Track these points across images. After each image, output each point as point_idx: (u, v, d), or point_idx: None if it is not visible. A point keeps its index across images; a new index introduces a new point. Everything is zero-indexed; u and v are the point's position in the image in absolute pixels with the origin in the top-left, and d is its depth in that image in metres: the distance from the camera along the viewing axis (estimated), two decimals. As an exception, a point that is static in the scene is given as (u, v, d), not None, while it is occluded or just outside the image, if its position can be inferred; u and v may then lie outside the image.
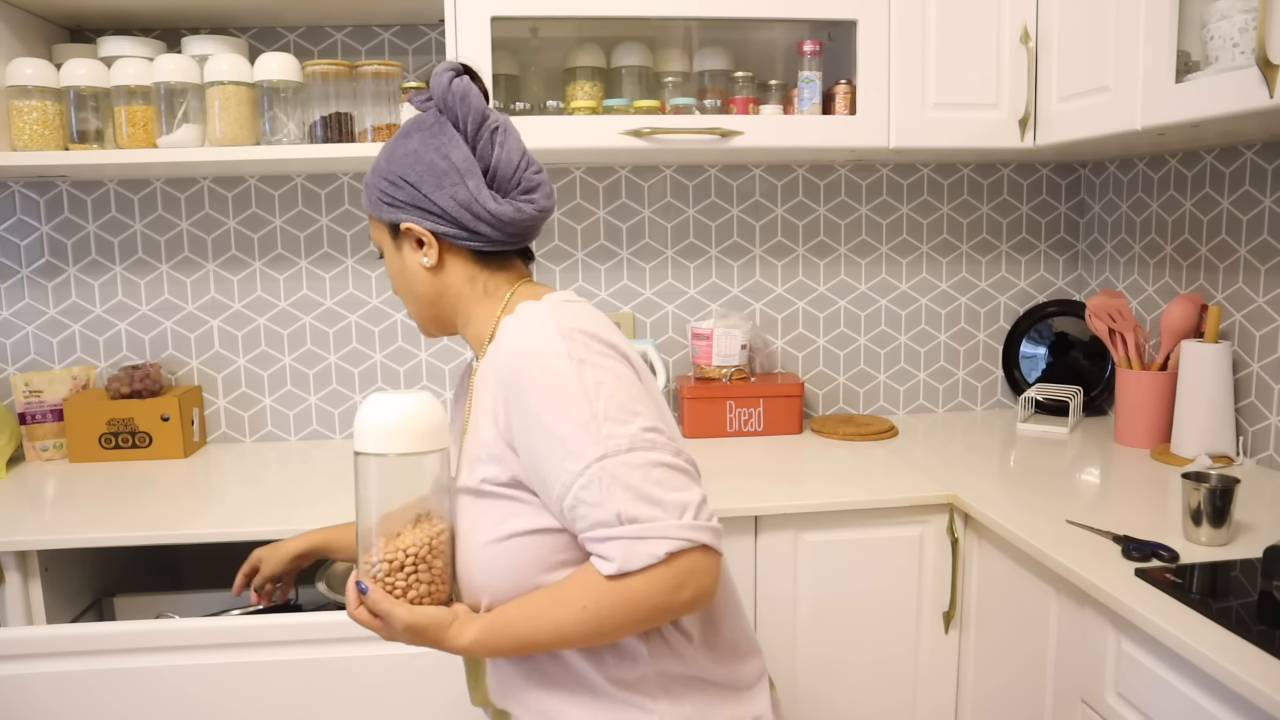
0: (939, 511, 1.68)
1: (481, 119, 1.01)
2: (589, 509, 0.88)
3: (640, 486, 0.88)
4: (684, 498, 0.89)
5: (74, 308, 2.12)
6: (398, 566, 0.94)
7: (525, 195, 1.02)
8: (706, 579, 0.89)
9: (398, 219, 1.02)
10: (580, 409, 0.89)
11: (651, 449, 0.89)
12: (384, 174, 1.03)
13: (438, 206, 1.00)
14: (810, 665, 1.69)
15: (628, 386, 0.92)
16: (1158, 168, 2.07)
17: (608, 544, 0.88)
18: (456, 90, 1.00)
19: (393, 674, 1.41)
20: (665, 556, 0.86)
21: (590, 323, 0.95)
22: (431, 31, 2.10)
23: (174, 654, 1.36)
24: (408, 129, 1.04)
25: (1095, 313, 1.99)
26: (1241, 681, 0.99)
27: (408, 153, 1.01)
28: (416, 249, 1.03)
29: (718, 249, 2.24)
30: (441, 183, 0.99)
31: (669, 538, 0.87)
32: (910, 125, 1.84)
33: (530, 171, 1.03)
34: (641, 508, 0.87)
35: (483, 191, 0.99)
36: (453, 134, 1.01)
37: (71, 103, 1.77)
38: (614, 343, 0.95)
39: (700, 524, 0.88)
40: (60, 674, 1.36)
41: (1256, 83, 1.27)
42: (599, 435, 0.88)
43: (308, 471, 1.91)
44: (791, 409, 2.10)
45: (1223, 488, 1.34)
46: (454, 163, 0.99)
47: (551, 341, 0.92)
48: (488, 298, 1.04)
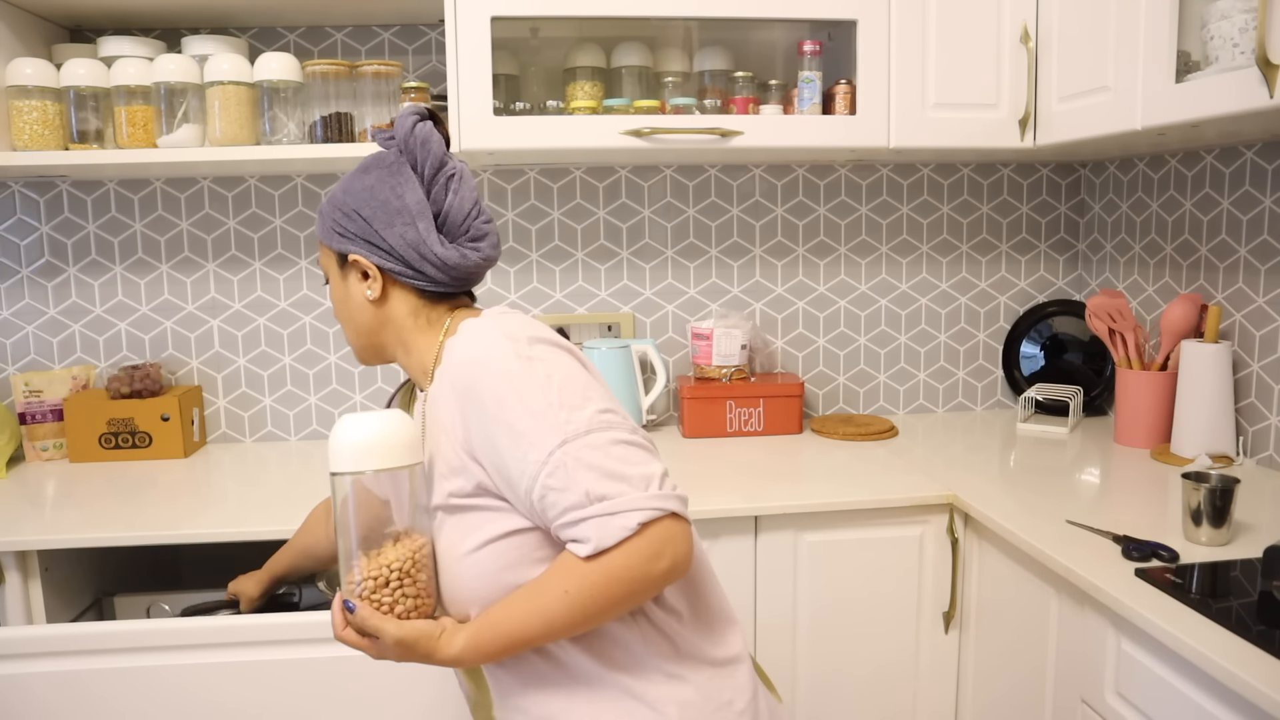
0: (939, 511, 1.68)
1: (439, 165, 1.04)
2: (558, 495, 0.90)
3: (604, 464, 0.90)
4: (647, 470, 0.92)
5: (74, 308, 2.12)
6: (383, 583, 0.95)
7: (472, 243, 1.06)
8: (681, 546, 0.92)
9: (346, 249, 1.06)
10: (536, 401, 0.92)
11: (609, 429, 0.92)
12: (339, 204, 1.06)
13: (386, 243, 1.03)
14: (810, 665, 1.69)
15: (577, 375, 0.96)
16: (1158, 168, 2.07)
17: (580, 525, 0.89)
18: (419, 134, 1.04)
19: (391, 673, 1.41)
20: (638, 528, 0.88)
21: (531, 327, 0.99)
22: (431, 31, 2.10)
23: (173, 653, 1.36)
24: (367, 165, 1.07)
25: (1095, 313, 1.99)
26: (1241, 681, 0.99)
27: (365, 187, 1.05)
28: (361, 280, 1.06)
29: (718, 249, 2.24)
30: (393, 221, 1.03)
31: (639, 509, 0.89)
32: (910, 125, 1.84)
33: (480, 221, 1.07)
34: (608, 485, 0.89)
35: (431, 235, 1.03)
36: (409, 175, 1.04)
37: (71, 103, 1.77)
38: (556, 341, 0.99)
39: (666, 493, 0.91)
40: (60, 673, 1.36)
41: (1256, 83, 1.27)
42: (557, 422, 0.91)
43: (308, 471, 1.91)
44: (791, 409, 2.10)
45: (1223, 488, 1.34)
46: (407, 203, 1.03)
47: (499, 345, 0.95)
48: (430, 327, 1.07)
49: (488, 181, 2.16)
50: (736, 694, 1.03)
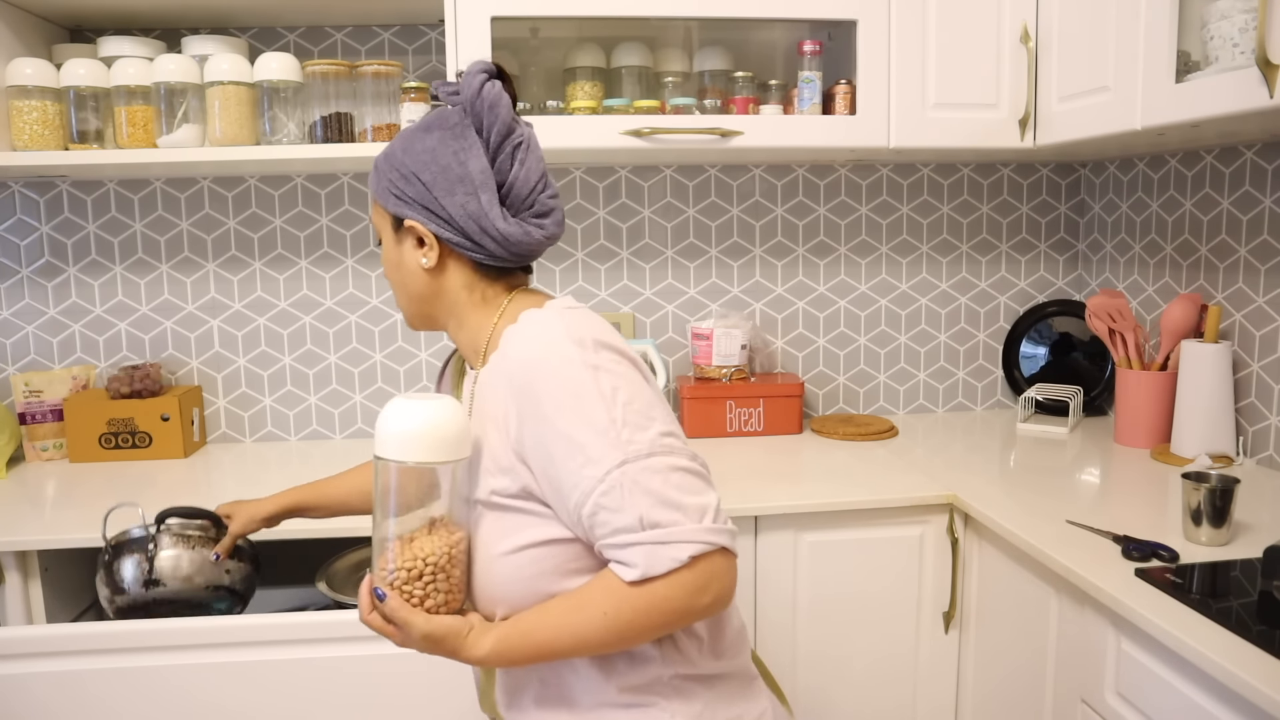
0: (939, 511, 1.68)
1: (507, 132, 0.98)
2: (610, 515, 0.87)
3: (661, 491, 0.87)
4: (703, 501, 0.89)
5: (74, 308, 2.12)
6: (415, 575, 0.93)
7: (536, 219, 1.00)
8: (727, 581, 0.89)
9: (403, 213, 1.00)
10: (599, 415, 0.88)
11: (670, 454, 0.89)
12: (397, 165, 1.00)
13: (446, 212, 0.98)
14: (810, 665, 1.69)
15: (642, 392, 0.92)
16: (1158, 168, 2.07)
17: (630, 549, 0.87)
18: (487, 96, 0.97)
19: (394, 672, 1.41)
20: (688, 560, 0.86)
21: (598, 329, 0.94)
22: (431, 31, 2.10)
23: (174, 653, 1.36)
24: (429, 123, 1.01)
25: (1095, 313, 1.99)
26: (1241, 681, 0.99)
27: (425, 149, 0.99)
28: (417, 247, 1.01)
29: (718, 249, 2.24)
30: (454, 189, 0.97)
31: (692, 541, 0.86)
32: (910, 125, 1.84)
33: (546, 195, 1.01)
34: (663, 512, 0.87)
35: (494, 208, 0.97)
36: (474, 140, 0.98)
37: (71, 103, 1.77)
38: (623, 349, 0.95)
39: (719, 527, 0.88)
40: (59, 673, 1.36)
41: (1256, 83, 1.27)
42: (619, 441, 0.87)
43: (308, 471, 1.91)
44: (791, 409, 2.10)
45: (1223, 488, 1.34)
46: (470, 171, 0.97)
47: (564, 348, 0.91)
48: (485, 305, 1.03)
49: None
50: (746, 710, 1.01)
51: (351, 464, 1.96)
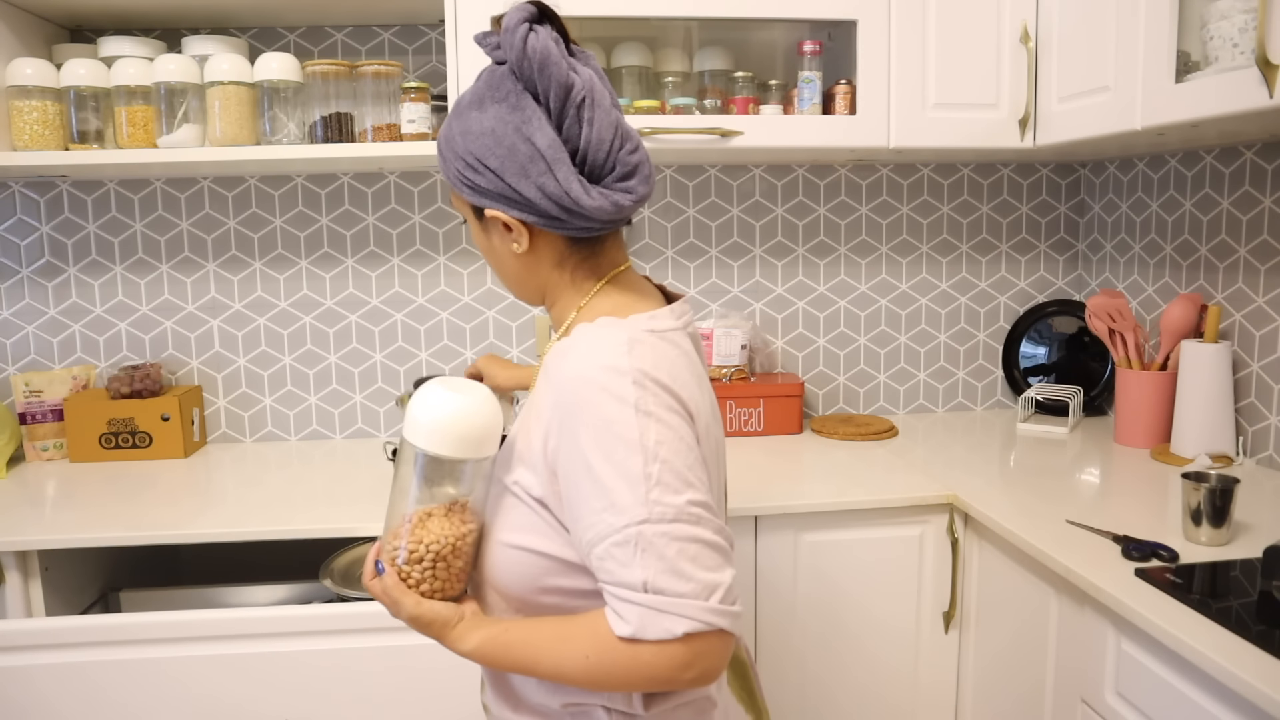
0: (939, 511, 1.68)
1: (565, 91, 0.89)
2: (617, 566, 0.84)
3: (674, 560, 0.83)
4: (715, 578, 0.84)
5: (74, 308, 2.12)
6: (416, 559, 0.93)
7: (621, 182, 0.93)
8: (715, 661, 0.86)
9: (482, 204, 0.94)
10: (635, 465, 0.84)
11: (696, 524, 0.85)
12: (461, 152, 0.93)
13: (524, 197, 0.91)
14: (810, 665, 1.69)
15: (687, 452, 0.87)
16: (1158, 168, 2.07)
17: (627, 606, 0.84)
18: (534, 54, 0.88)
19: (399, 665, 1.41)
20: (682, 635, 0.83)
21: (667, 369, 0.88)
22: (431, 31, 2.10)
23: (179, 645, 1.37)
24: (481, 95, 0.93)
25: (1095, 313, 1.99)
26: (1241, 681, 0.99)
27: (484, 131, 0.91)
28: (505, 233, 0.96)
29: (718, 249, 2.24)
30: (527, 171, 0.90)
31: (690, 618, 0.83)
32: (910, 125, 1.84)
33: (625, 151, 0.93)
34: (670, 581, 0.83)
35: (573, 182, 0.90)
36: (533, 109, 0.90)
37: (72, 103, 1.77)
38: (684, 398, 0.89)
39: (723, 608, 0.84)
40: (61, 665, 1.37)
41: (1256, 83, 1.27)
42: (646, 499, 0.83)
43: (308, 471, 1.91)
44: (791, 409, 2.10)
45: (1223, 488, 1.34)
46: (538, 148, 0.89)
47: (621, 385, 0.86)
48: (572, 287, 0.98)
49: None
50: None
51: (351, 463, 1.96)
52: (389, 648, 1.40)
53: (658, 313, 0.95)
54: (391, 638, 1.40)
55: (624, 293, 0.98)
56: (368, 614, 1.39)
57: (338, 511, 1.62)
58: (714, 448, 0.96)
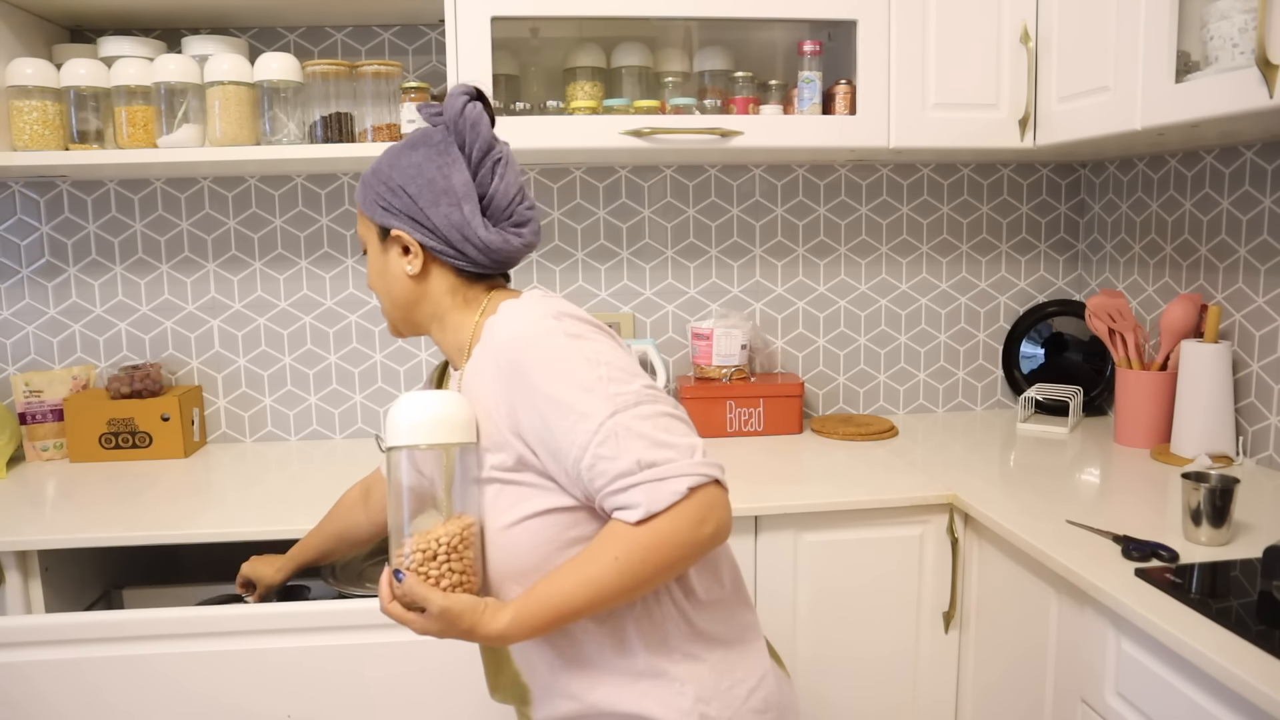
0: (939, 511, 1.68)
1: (487, 148, 1.05)
2: (608, 463, 0.93)
3: (653, 434, 0.93)
4: (691, 441, 0.96)
5: (74, 308, 2.12)
6: (430, 555, 0.97)
7: (515, 228, 1.08)
8: (724, 512, 0.95)
9: (390, 224, 1.07)
10: (586, 375, 0.95)
11: (655, 402, 0.96)
12: (384, 179, 1.07)
13: (431, 222, 1.04)
14: (810, 665, 1.69)
15: (620, 354, 0.99)
16: (1158, 168, 2.07)
17: (630, 492, 0.92)
18: (469, 116, 1.04)
19: (397, 661, 1.41)
20: (687, 492, 0.92)
21: (573, 308, 1.01)
22: (431, 31, 2.10)
23: (178, 641, 1.37)
24: (414, 141, 1.08)
25: (1095, 313, 1.99)
26: (1241, 681, 0.99)
27: (411, 164, 1.05)
28: (402, 255, 1.08)
29: (718, 249, 2.24)
30: (439, 201, 1.04)
31: (688, 474, 0.92)
32: (910, 125, 1.84)
33: (523, 206, 1.08)
34: (658, 452, 0.93)
35: (476, 218, 1.04)
36: (457, 156, 1.05)
37: (72, 103, 1.77)
38: (596, 323, 1.02)
39: (710, 461, 0.95)
40: (59, 661, 1.37)
41: (1256, 83, 1.27)
42: (607, 394, 0.94)
43: (308, 471, 1.91)
44: (791, 409, 2.10)
45: (1223, 488, 1.34)
46: (454, 184, 1.04)
47: (544, 323, 0.98)
48: (467, 306, 1.09)
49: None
50: (749, 671, 1.06)
51: (351, 463, 1.96)
52: (389, 644, 1.41)
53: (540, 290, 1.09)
54: (391, 634, 1.40)
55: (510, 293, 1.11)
56: (368, 611, 1.40)
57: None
58: None
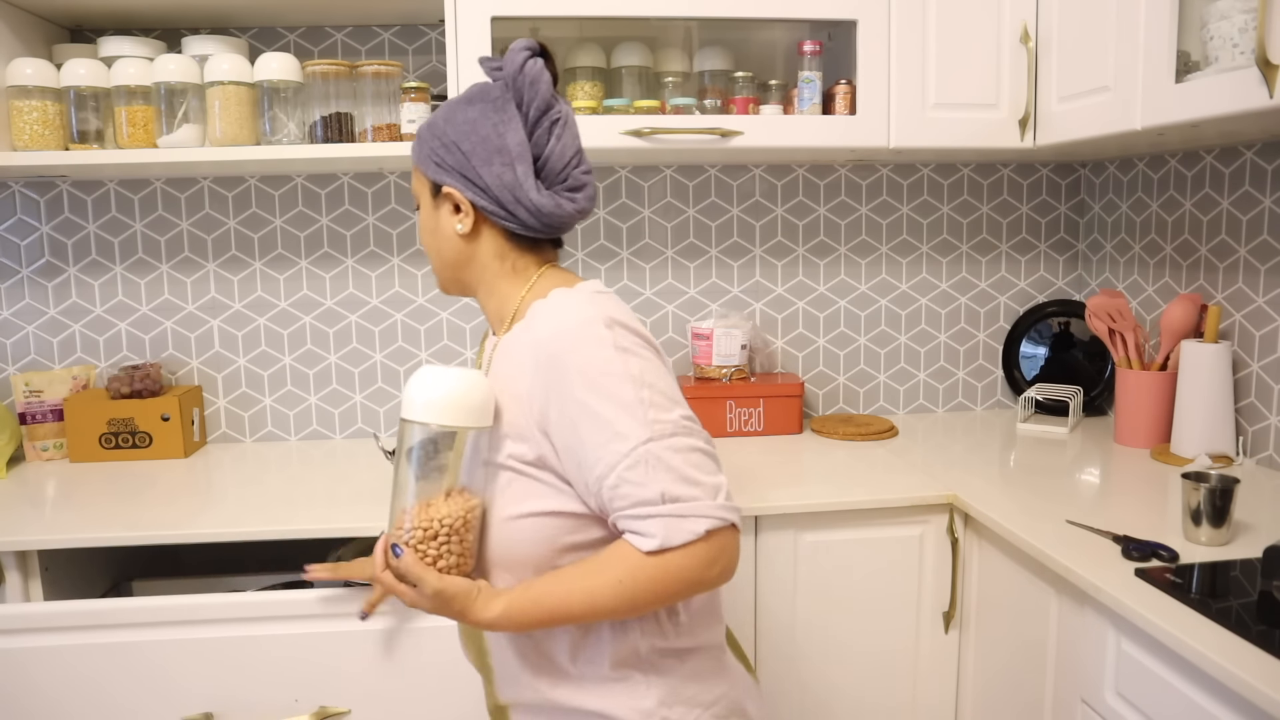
0: (939, 511, 1.68)
1: (545, 108, 1.02)
2: (633, 488, 0.92)
3: (682, 469, 0.93)
4: (717, 481, 0.95)
5: (74, 308, 2.12)
6: (431, 535, 0.97)
7: (569, 192, 1.05)
8: (733, 555, 0.96)
9: (442, 180, 1.05)
10: (627, 394, 0.93)
11: (690, 435, 0.95)
12: (439, 134, 1.05)
13: (482, 180, 1.02)
14: (810, 665, 1.69)
15: (665, 377, 0.98)
16: (1158, 168, 2.07)
17: (649, 521, 0.92)
18: (529, 72, 1.01)
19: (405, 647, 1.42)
20: (704, 534, 0.92)
21: (626, 316, 0.99)
22: (431, 31, 2.10)
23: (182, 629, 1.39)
24: (471, 95, 1.05)
25: (1095, 313, 1.99)
26: (1241, 681, 0.99)
27: (467, 120, 1.03)
28: (453, 213, 1.06)
29: (718, 249, 2.24)
30: (491, 159, 1.01)
31: (708, 516, 0.92)
32: (910, 125, 1.84)
33: (579, 170, 1.05)
34: (683, 488, 0.92)
35: (529, 179, 1.01)
36: (514, 114, 1.02)
37: (72, 103, 1.77)
38: (648, 336, 1.00)
39: (731, 505, 0.95)
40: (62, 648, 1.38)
41: (1256, 83, 1.27)
42: (645, 419, 0.93)
43: (308, 471, 1.91)
44: (791, 409, 2.10)
45: (1223, 488, 1.34)
46: (508, 143, 1.01)
47: (596, 330, 0.95)
48: (514, 275, 1.07)
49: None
50: (716, 679, 1.06)
51: (351, 463, 1.96)
52: (395, 630, 1.42)
53: (595, 282, 1.06)
54: (397, 620, 1.41)
55: (562, 275, 1.08)
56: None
57: (338, 511, 1.62)
58: None
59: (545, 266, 1.08)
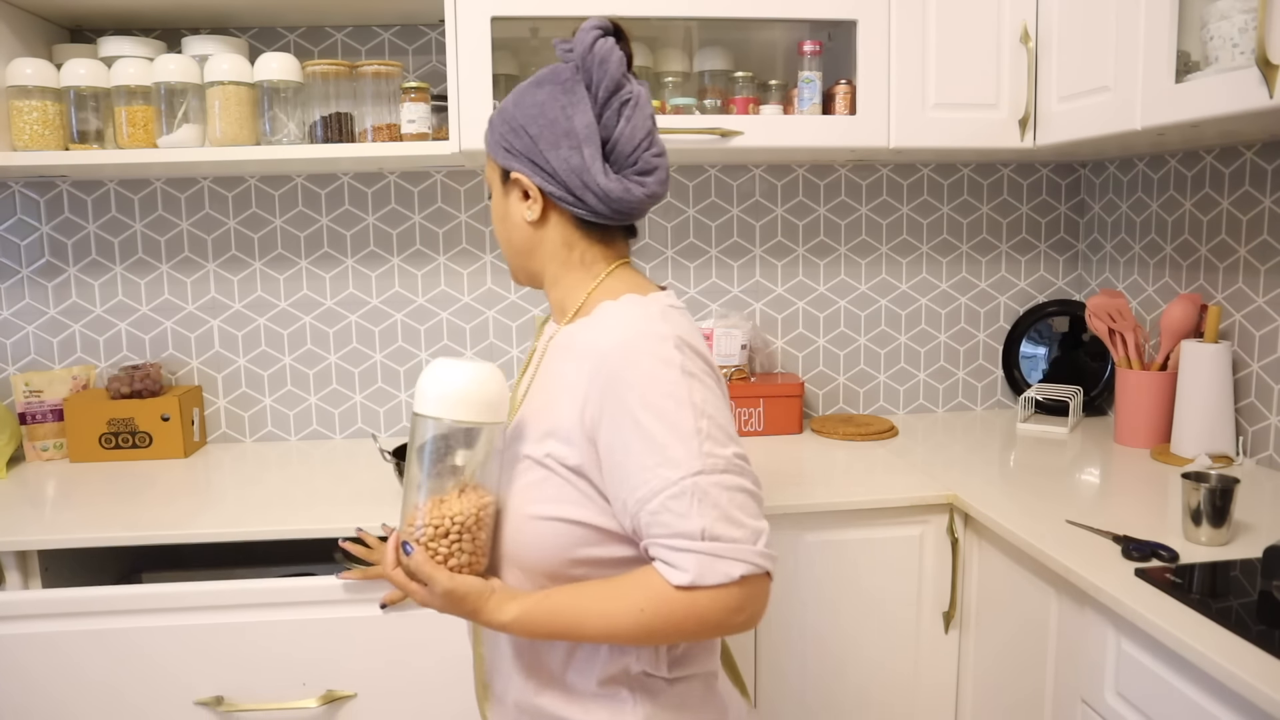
0: (939, 511, 1.68)
1: (614, 88, 0.99)
2: (674, 518, 0.89)
3: (727, 508, 0.89)
4: (759, 525, 0.92)
5: (74, 308, 2.12)
6: (442, 533, 0.95)
7: (639, 176, 1.00)
8: (762, 605, 0.92)
9: (510, 166, 1.02)
10: (686, 421, 0.90)
11: (741, 474, 0.92)
12: (508, 118, 1.03)
13: (550, 165, 0.99)
14: (810, 665, 1.69)
15: (724, 411, 0.94)
16: (1158, 168, 2.07)
17: (685, 555, 0.88)
18: (598, 52, 0.99)
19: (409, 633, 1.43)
20: (739, 578, 0.89)
21: (696, 338, 0.96)
22: (431, 31, 2.10)
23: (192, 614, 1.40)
24: (541, 78, 1.03)
25: (1095, 313, 1.99)
26: (1241, 681, 0.99)
27: (535, 103, 1.01)
28: (522, 200, 1.03)
29: (718, 249, 2.24)
30: (559, 143, 0.98)
31: (745, 561, 0.89)
32: (910, 125, 1.84)
33: (650, 153, 1.00)
34: (725, 528, 0.89)
35: (596, 163, 0.98)
36: (582, 95, 0.99)
37: (72, 103, 1.77)
38: (714, 365, 0.97)
39: (769, 552, 0.91)
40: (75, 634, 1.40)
41: (1256, 83, 1.27)
42: (700, 451, 0.89)
43: (308, 471, 1.91)
44: (791, 409, 2.10)
45: (1223, 488, 1.34)
46: (575, 126, 0.98)
47: (665, 349, 0.92)
48: (582, 268, 1.04)
49: (488, 181, 2.16)
50: (705, 704, 1.03)
51: (351, 463, 1.96)
52: (401, 616, 1.44)
53: (668, 294, 1.02)
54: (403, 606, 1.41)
55: (633, 279, 1.04)
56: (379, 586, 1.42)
57: (338, 511, 1.62)
58: None
59: (616, 263, 1.05)
